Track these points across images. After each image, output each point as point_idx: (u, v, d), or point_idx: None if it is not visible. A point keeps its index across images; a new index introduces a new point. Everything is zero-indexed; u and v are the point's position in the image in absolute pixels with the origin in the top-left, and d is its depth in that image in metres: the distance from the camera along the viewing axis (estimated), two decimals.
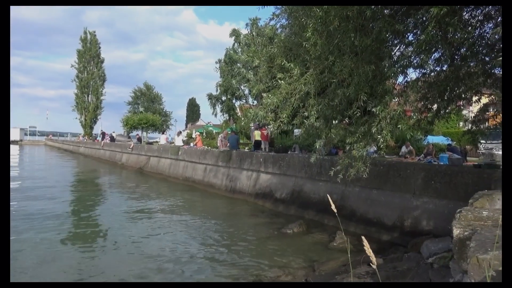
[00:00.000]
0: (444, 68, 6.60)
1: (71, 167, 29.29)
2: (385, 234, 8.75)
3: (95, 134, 54.75)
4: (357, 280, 4.83)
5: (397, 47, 6.75)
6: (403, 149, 14.76)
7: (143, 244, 8.10)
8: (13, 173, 22.68)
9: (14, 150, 52.30)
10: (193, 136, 34.75)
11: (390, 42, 6.65)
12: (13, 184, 16.95)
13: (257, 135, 17.17)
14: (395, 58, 6.47)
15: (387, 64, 6.24)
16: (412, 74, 7.10)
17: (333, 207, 2.04)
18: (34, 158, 38.75)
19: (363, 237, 1.63)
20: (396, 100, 6.54)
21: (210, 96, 32.40)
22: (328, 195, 2.72)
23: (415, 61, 6.02)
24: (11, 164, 30.58)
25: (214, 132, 35.62)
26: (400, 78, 6.52)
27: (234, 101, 32.36)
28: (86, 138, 53.02)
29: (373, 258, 1.44)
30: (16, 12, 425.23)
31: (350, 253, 5.79)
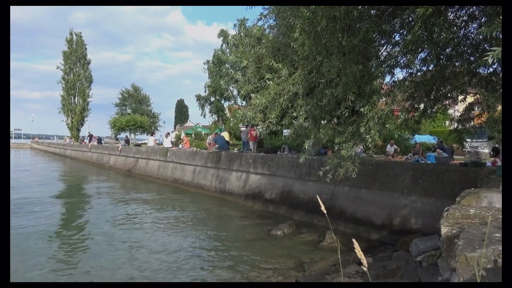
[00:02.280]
0: (430, 68, 6.68)
1: (57, 171, 28.81)
2: (374, 233, 8.81)
3: (82, 136, 54.04)
4: (347, 280, 4.84)
5: (384, 47, 6.80)
6: (388, 147, 14.89)
7: (131, 247, 8.00)
8: None
9: None
10: (181, 137, 34.58)
11: (377, 42, 6.70)
12: None
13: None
14: (382, 58, 6.52)
15: (374, 64, 6.29)
16: (399, 74, 7.18)
17: (322, 208, 2.03)
18: (20, 161, 37.99)
19: (353, 240, 1.62)
20: (383, 100, 6.59)
21: (198, 97, 32.27)
22: (317, 196, 2.71)
23: (402, 61, 6.09)
24: None
25: (203, 133, 35.48)
26: (388, 78, 6.58)
27: (222, 102, 32.31)
28: (73, 140, 52.28)
29: (364, 260, 1.43)
30: None
31: (340, 253, 5.82)
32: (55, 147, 55.57)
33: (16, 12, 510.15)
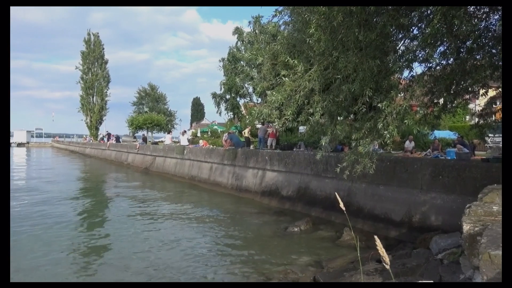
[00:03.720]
0: (450, 62, 6.52)
1: (78, 169, 29.46)
2: (393, 230, 8.69)
3: (101, 134, 55.06)
4: (366, 277, 4.79)
5: (402, 42, 6.67)
6: (407, 143, 14.63)
7: (149, 244, 8.10)
8: (21, 174, 22.96)
9: (21, 152, 52.88)
10: (198, 135, 34.84)
11: (395, 37, 6.58)
12: (20, 184, 17.20)
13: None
14: (400, 52, 6.41)
15: (392, 59, 6.18)
16: (418, 68, 7.04)
17: (341, 205, 2.01)
18: (42, 160, 38.98)
19: (375, 237, 1.60)
20: (401, 95, 6.48)
21: (214, 95, 32.45)
22: (335, 193, 2.68)
23: (420, 55, 5.96)
24: (20, 165, 30.94)
25: (219, 131, 35.67)
26: (406, 73, 6.44)
27: (238, 99, 32.40)
28: (92, 139, 53.32)
29: (386, 258, 1.41)
30: (21, 15, 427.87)
31: (358, 250, 5.75)
32: (75, 146, 56.79)
33: (36, 14, 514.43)
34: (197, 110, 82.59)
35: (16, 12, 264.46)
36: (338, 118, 7.15)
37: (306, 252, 7.50)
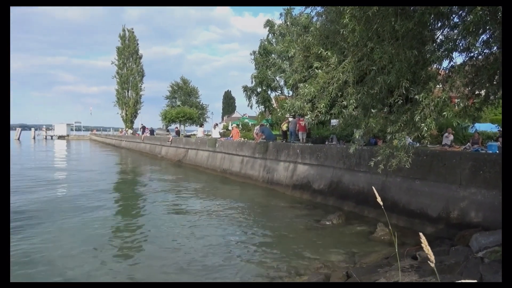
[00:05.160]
0: (494, 51, 6.18)
1: (115, 162, 30.59)
2: (429, 226, 8.42)
3: (135, 128, 56.73)
4: (402, 274, 4.67)
5: (441, 30, 6.39)
6: (445, 137, 13.97)
7: (181, 237, 8.23)
8: (63, 165, 24.12)
9: (62, 145, 55.52)
10: (229, 128, 35.10)
11: (433, 25, 6.31)
12: (61, 175, 18.11)
13: (284, 126, 19.07)
14: (439, 42, 6.14)
15: (430, 49, 5.94)
16: (458, 58, 6.71)
17: (378, 199, 1.96)
18: (81, 153, 40.66)
19: (420, 234, 1.54)
20: (440, 86, 6.22)
21: (245, 88, 32.52)
22: (373, 187, 2.62)
23: (461, 44, 5.69)
24: (63, 156, 32.59)
25: (250, 124, 35.77)
26: (445, 63, 6.17)
27: (269, 92, 32.30)
28: (127, 132, 55.02)
29: (431, 256, 1.36)
30: (62, 13, 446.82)
31: (391, 246, 5.61)
32: (112, 139, 58.79)
33: (74, 13, 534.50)
34: (228, 104, 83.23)
35: (57, 11, 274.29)
36: (372, 110, 6.97)
37: (338, 247, 7.41)
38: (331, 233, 8.43)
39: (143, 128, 42.91)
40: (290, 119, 18.88)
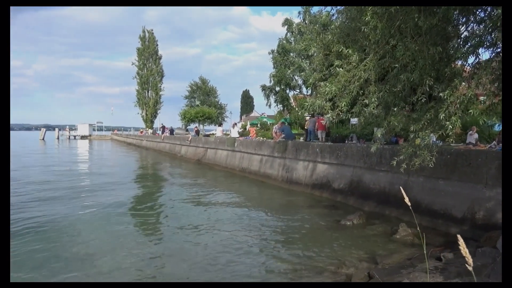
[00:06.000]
0: None
1: (136, 160, 31.18)
2: (453, 226, 8.21)
3: (155, 128, 57.54)
4: (425, 275, 4.57)
5: (465, 26, 6.22)
6: (470, 135, 13.54)
7: (199, 236, 8.26)
8: (86, 165, 24.79)
9: (84, 144, 56.97)
10: (248, 127, 35.18)
11: (457, 21, 6.15)
12: (83, 171, 18.62)
13: (307, 125, 18.27)
14: (464, 38, 5.98)
15: (455, 45, 5.80)
16: (484, 54, 6.52)
17: (406, 199, 1.92)
18: (103, 153, 41.47)
19: (458, 236, 1.50)
20: (465, 83, 6.06)
21: (263, 87, 32.50)
22: (400, 188, 2.57)
23: (487, 39, 5.53)
24: (86, 155, 33.45)
25: (268, 123, 35.74)
26: (471, 59, 6.01)
27: (288, 91, 32.17)
28: (148, 131, 55.87)
29: (469, 259, 1.32)
30: (83, 15, 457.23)
31: (415, 247, 5.49)
32: (133, 138, 59.81)
33: (96, 14, 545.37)
34: (247, 103, 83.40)
35: (78, 13, 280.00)
36: (394, 109, 6.86)
37: (359, 247, 7.32)
38: (351, 233, 8.33)
39: (163, 127, 43.48)
40: (308, 118, 18.75)
